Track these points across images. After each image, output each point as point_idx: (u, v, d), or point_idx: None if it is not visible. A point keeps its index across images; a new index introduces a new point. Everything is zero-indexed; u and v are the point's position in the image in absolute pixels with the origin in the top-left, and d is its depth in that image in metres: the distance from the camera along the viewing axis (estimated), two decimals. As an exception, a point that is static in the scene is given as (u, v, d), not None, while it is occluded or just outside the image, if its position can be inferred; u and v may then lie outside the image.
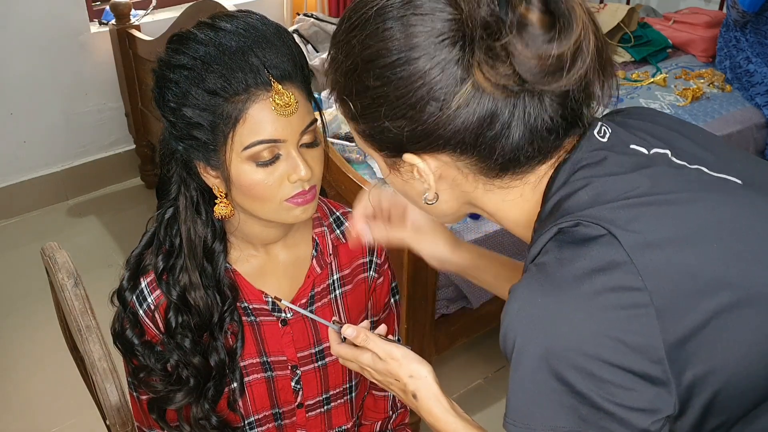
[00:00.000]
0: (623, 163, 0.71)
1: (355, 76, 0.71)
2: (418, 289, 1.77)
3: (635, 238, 0.64)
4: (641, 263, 0.63)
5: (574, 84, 0.65)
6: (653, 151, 0.73)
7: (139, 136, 3.07)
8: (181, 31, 0.90)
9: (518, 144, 0.69)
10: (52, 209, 3.08)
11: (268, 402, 1.10)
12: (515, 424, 0.68)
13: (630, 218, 0.66)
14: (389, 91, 0.68)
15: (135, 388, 1.06)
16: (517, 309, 0.67)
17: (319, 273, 1.08)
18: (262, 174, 0.89)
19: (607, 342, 0.63)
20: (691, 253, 0.65)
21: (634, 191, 0.68)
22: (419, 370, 0.86)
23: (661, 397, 0.64)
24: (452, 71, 0.66)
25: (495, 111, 0.67)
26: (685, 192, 0.69)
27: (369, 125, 0.73)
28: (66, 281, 1.07)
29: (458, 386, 2.20)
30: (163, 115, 0.91)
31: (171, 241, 0.99)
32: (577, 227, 0.67)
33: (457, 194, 0.77)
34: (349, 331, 0.90)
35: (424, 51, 0.66)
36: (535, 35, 0.63)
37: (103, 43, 2.96)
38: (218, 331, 1.01)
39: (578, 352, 0.63)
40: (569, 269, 0.65)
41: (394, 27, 0.67)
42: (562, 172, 0.72)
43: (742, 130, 2.54)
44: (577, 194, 0.69)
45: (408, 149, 0.72)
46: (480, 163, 0.71)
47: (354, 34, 0.70)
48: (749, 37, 2.65)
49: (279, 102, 0.87)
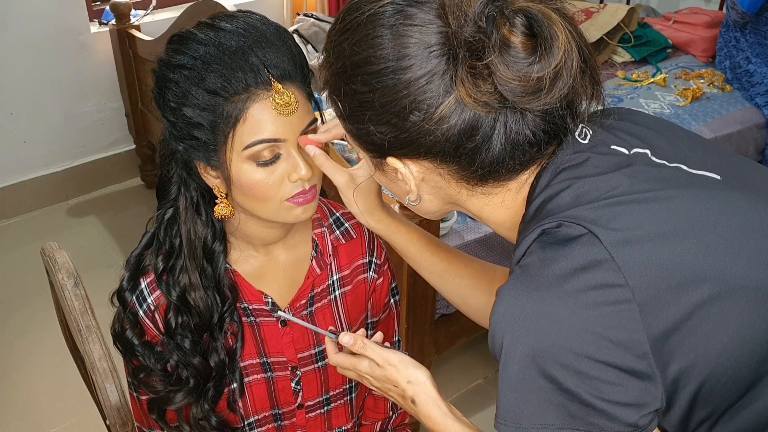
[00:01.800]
0: (604, 164, 0.72)
1: (344, 78, 0.73)
2: (418, 289, 1.77)
3: (615, 236, 0.66)
4: (622, 260, 0.64)
5: (554, 103, 0.67)
6: (633, 151, 0.75)
7: (139, 136, 3.07)
8: (181, 31, 0.90)
9: (499, 156, 0.70)
10: (52, 209, 3.08)
11: (267, 403, 1.10)
12: (506, 424, 0.70)
13: (610, 217, 0.67)
14: (375, 97, 0.70)
15: (135, 389, 1.06)
16: (503, 310, 0.68)
17: (318, 274, 1.08)
18: (262, 174, 0.89)
19: (592, 339, 0.64)
20: (670, 249, 0.66)
21: (615, 190, 0.69)
22: (417, 376, 0.87)
23: (648, 391, 0.66)
24: (437, 84, 0.67)
25: (476, 124, 0.68)
26: (663, 189, 0.70)
27: (355, 126, 0.75)
28: (66, 281, 1.07)
29: (458, 386, 2.20)
30: (164, 115, 0.91)
31: (171, 241, 0.99)
32: (560, 228, 0.68)
33: (441, 195, 0.79)
34: (346, 338, 0.91)
35: (413, 61, 0.67)
36: (516, 57, 0.65)
37: (103, 43, 2.96)
38: (218, 332, 1.01)
39: (564, 350, 0.64)
40: (552, 269, 0.66)
41: (385, 35, 0.69)
42: (545, 176, 0.73)
43: (742, 130, 2.54)
44: (559, 195, 0.71)
45: (391, 153, 0.75)
46: (461, 171, 0.73)
47: (345, 36, 0.72)
48: (749, 37, 2.65)
49: (279, 101, 0.87)
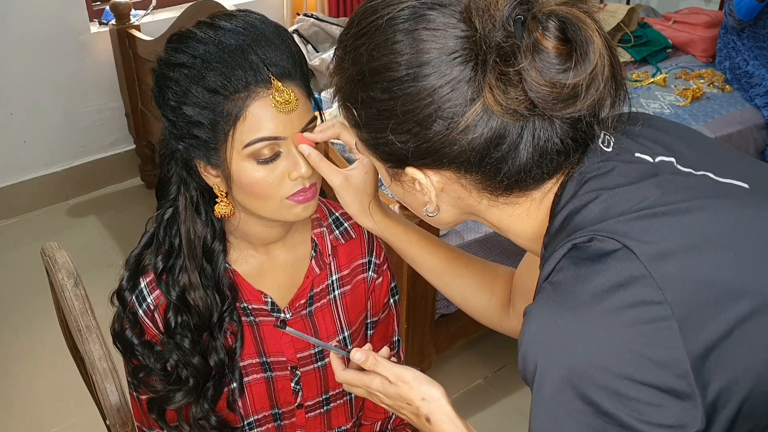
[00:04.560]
0: (630, 173, 0.70)
1: (361, 85, 0.69)
2: (418, 289, 1.77)
3: (650, 250, 0.63)
4: (659, 275, 0.62)
5: (586, 110, 0.64)
6: (658, 159, 0.73)
7: (139, 136, 3.07)
8: (180, 30, 0.90)
9: (525, 165, 0.67)
10: (52, 209, 3.08)
11: (267, 402, 1.10)
12: None
13: (643, 230, 0.65)
14: (396, 105, 0.67)
15: (135, 388, 1.06)
16: (535, 330, 0.65)
17: (318, 273, 1.08)
18: (262, 172, 0.89)
19: (631, 358, 0.61)
20: (706, 262, 0.64)
21: (645, 202, 0.67)
22: (432, 393, 0.83)
23: (688, 411, 0.62)
24: (462, 91, 0.64)
25: (503, 133, 0.65)
26: (694, 200, 0.68)
27: (372, 135, 0.72)
28: (66, 281, 1.07)
29: (458, 386, 2.20)
30: (164, 114, 0.91)
31: (170, 241, 0.99)
32: (592, 242, 0.65)
33: (460, 206, 0.76)
34: (358, 355, 0.87)
35: (435, 68, 0.64)
36: (550, 63, 0.62)
37: (103, 43, 2.96)
38: (218, 331, 1.01)
39: (602, 371, 0.62)
40: (587, 287, 0.63)
41: (404, 41, 0.65)
42: (570, 186, 0.70)
43: (742, 131, 2.54)
44: (587, 207, 0.68)
45: (411, 163, 0.71)
46: (485, 181, 0.70)
47: (362, 41, 0.68)
48: (746, 41, 2.66)
49: (279, 99, 0.87)
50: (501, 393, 2.18)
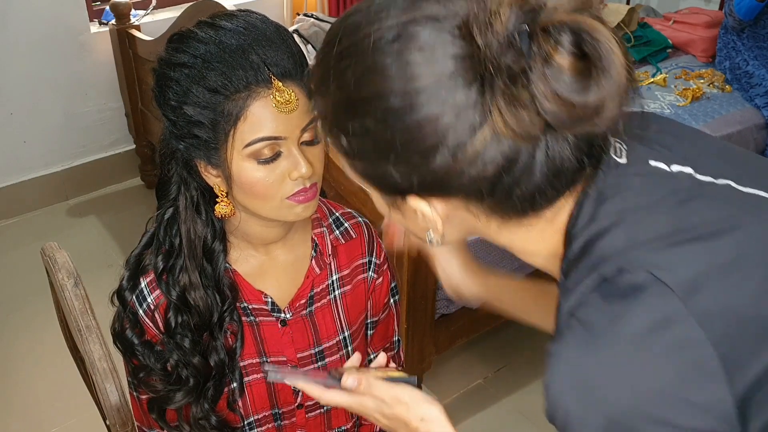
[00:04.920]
0: (651, 189, 0.65)
1: (350, 113, 0.62)
2: (418, 289, 1.77)
3: (685, 282, 0.59)
4: (697, 311, 0.58)
5: (605, 126, 0.57)
6: (674, 168, 0.68)
7: (139, 136, 3.07)
8: (181, 30, 0.90)
9: (538, 187, 0.61)
10: (52, 209, 3.08)
11: (267, 402, 1.10)
12: None
13: (674, 260, 0.60)
14: (394, 137, 0.59)
15: (135, 388, 1.06)
16: (566, 373, 0.60)
17: (318, 273, 1.08)
18: (263, 172, 0.89)
19: (674, 403, 0.58)
20: (744, 292, 0.60)
21: (672, 226, 0.62)
22: (430, 412, 0.81)
23: None
24: (467, 117, 0.57)
25: (514, 157, 0.58)
26: (723, 221, 0.63)
27: (368, 166, 0.65)
28: (66, 281, 1.07)
29: (458, 386, 2.20)
30: (164, 114, 0.91)
31: (171, 241, 0.99)
32: (621, 275, 0.60)
33: (465, 229, 0.70)
34: (350, 381, 0.84)
35: (433, 95, 0.57)
36: (566, 82, 0.55)
37: (103, 43, 2.97)
38: (218, 331, 1.01)
39: (645, 419, 0.58)
40: (624, 328, 0.59)
41: (394, 66, 0.58)
42: (587, 206, 0.64)
43: (742, 131, 2.55)
44: (611, 233, 0.63)
45: (413, 193, 0.65)
46: (495, 207, 0.64)
47: (347, 63, 0.61)
48: (746, 41, 2.66)
49: (279, 99, 0.87)
50: (501, 393, 2.18)
